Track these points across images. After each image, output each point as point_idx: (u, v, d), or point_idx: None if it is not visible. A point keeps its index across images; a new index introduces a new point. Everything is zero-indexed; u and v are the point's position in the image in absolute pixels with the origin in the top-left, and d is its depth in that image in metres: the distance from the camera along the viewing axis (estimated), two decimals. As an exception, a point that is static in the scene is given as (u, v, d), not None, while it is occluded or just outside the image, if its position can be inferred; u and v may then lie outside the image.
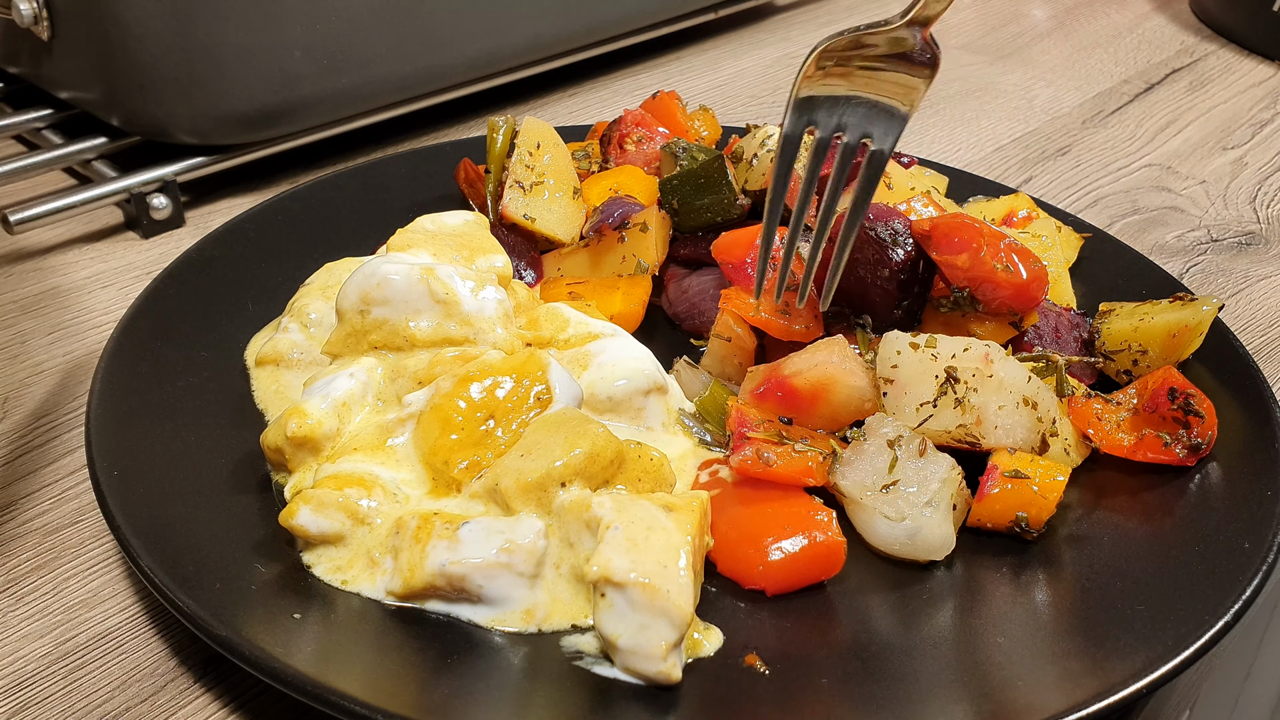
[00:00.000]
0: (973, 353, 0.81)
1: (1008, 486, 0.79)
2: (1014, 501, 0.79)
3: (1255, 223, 1.28)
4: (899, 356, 0.83)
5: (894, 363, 0.83)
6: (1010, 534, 0.80)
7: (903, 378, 0.82)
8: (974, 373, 0.80)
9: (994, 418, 0.80)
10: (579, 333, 0.89)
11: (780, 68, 1.60)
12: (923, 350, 0.82)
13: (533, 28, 1.35)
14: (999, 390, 0.80)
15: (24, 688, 0.72)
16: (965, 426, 0.80)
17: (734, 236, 0.93)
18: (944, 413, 0.81)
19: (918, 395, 0.82)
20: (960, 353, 0.81)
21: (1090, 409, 0.85)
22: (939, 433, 0.81)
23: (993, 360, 0.81)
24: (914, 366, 0.82)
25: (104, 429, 0.80)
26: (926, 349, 0.82)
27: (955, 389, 0.80)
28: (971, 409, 0.80)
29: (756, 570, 0.75)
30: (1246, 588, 0.74)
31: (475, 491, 0.76)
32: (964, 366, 0.81)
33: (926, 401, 0.81)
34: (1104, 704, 0.67)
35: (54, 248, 1.14)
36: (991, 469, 0.80)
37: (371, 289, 0.83)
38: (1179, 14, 1.84)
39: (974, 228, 0.88)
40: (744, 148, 1.04)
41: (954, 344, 0.82)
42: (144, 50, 1.07)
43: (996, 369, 0.80)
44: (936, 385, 0.81)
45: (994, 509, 0.79)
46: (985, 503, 0.79)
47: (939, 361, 0.81)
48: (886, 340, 0.84)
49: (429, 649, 0.70)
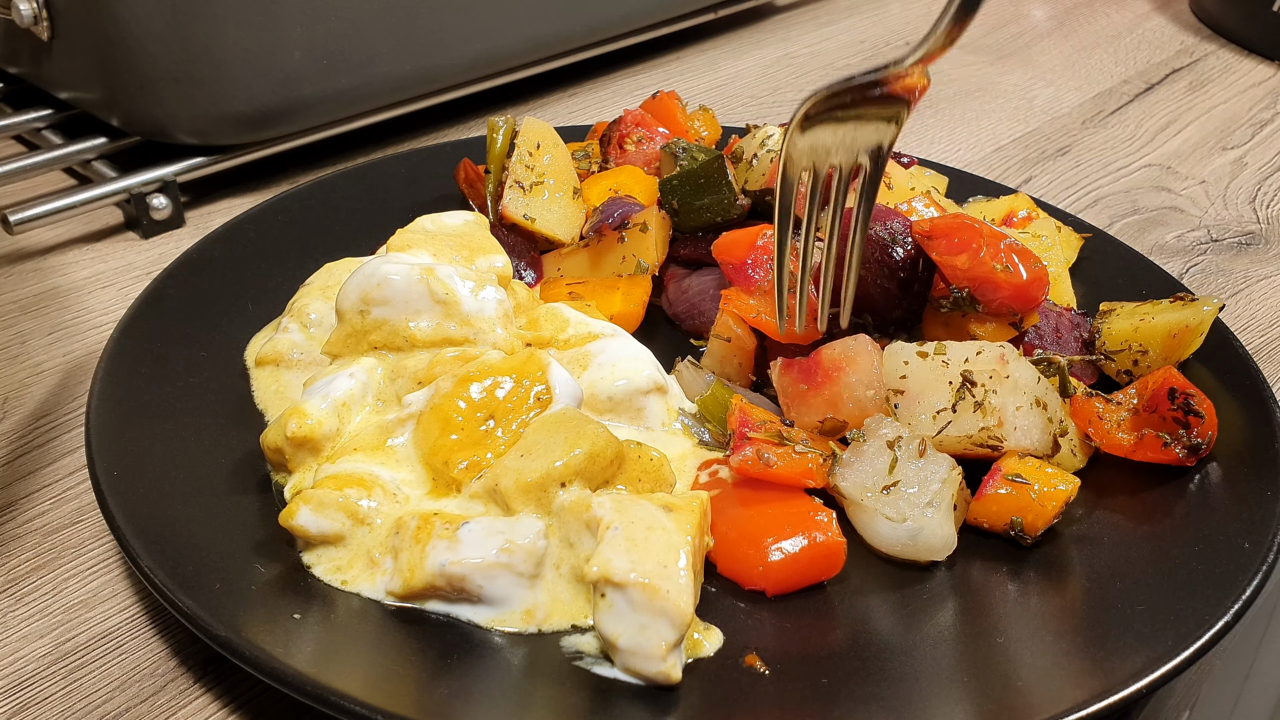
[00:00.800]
0: (987, 355, 0.81)
1: (1008, 490, 0.79)
2: (1011, 505, 0.79)
3: (1255, 223, 1.28)
4: (907, 367, 0.82)
5: (902, 373, 0.82)
6: (1005, 537, 0.80)
7: (914, 387, 0.82)
8: (990, 374, 0.80)
9: (1013, 419, 0.80)
10: (579, 333, 0.89)
11: (780, 68, 1.60)
12: (932, 358, 0.82)
13: (532, 28, 1.35)
14: (1015, 391, 0.80)
15: (24, 688, 0.72)
16: (988, 429, 0.80)
17: (734, 237, 0.93)
18: (964, 417, 0.80)
19: (932, 403, 0.81)
20: (974, 356, 0.81)
21: (1091, 408, 0.85)
22: (959, 439, 0.81)
23: (1008, 360, 0.81)
24: (925, 375, 0.82)
25: (104, 429, 0.80)
26: (936, 356, 0.82)
27: (974, 392, 0.80)
28: (993, 410, 0.80)
29: (757, 571, 0.75)
30: (1246, 588, 0.74)
31: (475, 492, 0.76)
32: (979, 369, 0.80)
33: (944, 408, 0.81)
34: (1104, 704, 0.66)
35: (54, 248, 1.14)
36: (995, 469, 0.80)
37: (371, 289, 0.83)
38: (1179, 14, 1.84)
39: (974, 228, 0.88)
40: (744, 148, 1.04)
41: (964, 349, 0.82)
42: (144, 50, 1.07)
43: (1012, 369, 0.80)
44: (952, 391, 0.81)
45: (990, 510, 0.79)
46: (983, 502, 0.79)
47: (951, 367, 0.81)
48: (891, 351, 0.84)
49: (429, 649, 0.70)
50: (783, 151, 0.83)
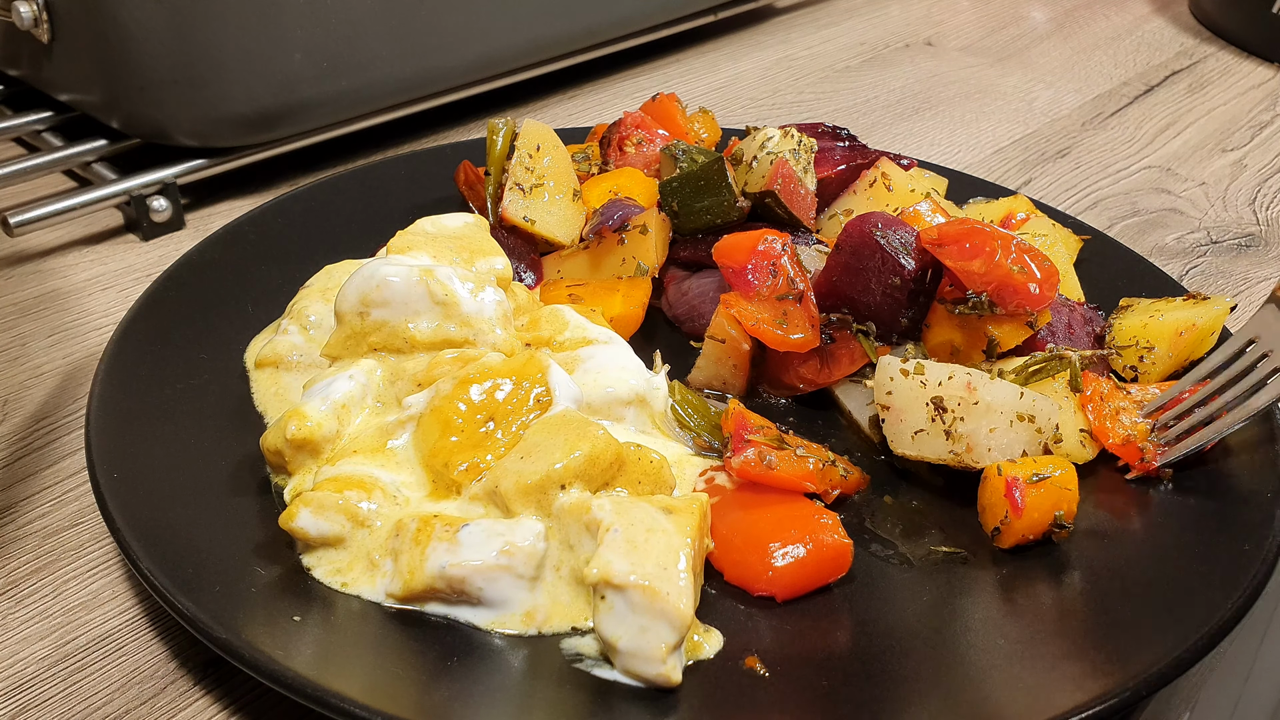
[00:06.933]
0: (956, 380, 0.81)
1: (1040, 491, 0.78)
2: (1049, 504, 0.79)
3: (1255, 224, 1.28)
4: (893, 383, 0.83)
5: (889, 389, 0.83)
6: (1046, 539, 0.80)
7: (898, 404, 0.83)
8: (959, 401, 0.81)
9: (985, 440, 0.81)
10: (574, 337, 0.89)
11: (780, 70, 1.60)
12: (912, 376, 0.82)
13: (532, 30, 1.35)
14: (987, 414, 0.81)
15: (23, 690, 0.72)
16: (958, 454, 0.81)
17: (734, 239, 0.93)
18: (937, 440, 0.81)
19: (912, 423, 0.82)
20: (946, 380, 0.81)
21: (1102, 406, 0.85)
22: (937, 458, 0.82)
23: (976, 389, 0.81)
24: (906, 393, 0.82)
25: (104, 431, 0.80)
26: (915, 375, 0.82)
27: (944, 419, 0.81)
28: (960, 437, 0.81)
29: (765, 576, 0.75)
30: (1246, 588, 0.74)
31: (475, 494, 0.76)
32: (949, 395, 0.81)
33: (921, 430, 0.82)
34: (1104, 705, 0.66)
35: (54, 250, 1.14)
36: (1012, 482, 0.78)
37: (371, 291, 0.83)
38: (1178, 16, 1.84)
39: (985, 232, 0.87)
40: (744, 150, 1.04)
41: (940, 371, 0.82)
42: (144, 53, 1.07)
43: (981, 395, 0.80)
44: (927, 413, 0.81)
45: (1033, 518, 0.78)
46: (1026, 515, 0.78)
47: (928, 388, 0.81)
48: (882, 365, 0.84)
49: (429, 651, 0.70)
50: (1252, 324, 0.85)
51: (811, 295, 0.90)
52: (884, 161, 1.05)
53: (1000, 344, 0.88)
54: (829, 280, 0.92)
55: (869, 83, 1.58)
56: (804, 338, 0.89)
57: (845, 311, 0.91)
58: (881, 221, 0.90)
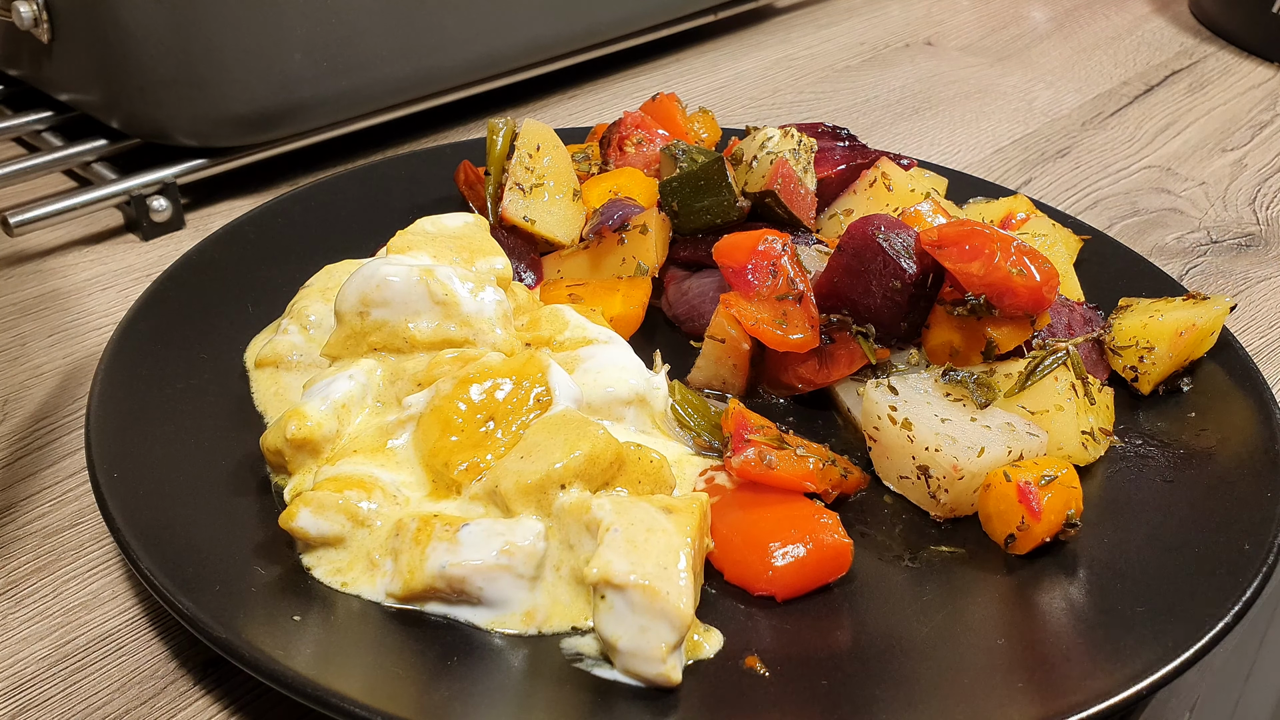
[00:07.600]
0: (943, 456, 0.80)
1: (1051, 493, 0.78)
2: (1061, 504, 0.78)
3: (1255, 224, 1.28)
4: (880, 421, 0.83)
5: (876, 425, 0.84)
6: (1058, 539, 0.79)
7: (884, 441, 0.83)
8: (945, 474, 0.81)
9: (969, 499, 0.82)
10: (574, 337, 0.89)
11: (780, 70, 1.60)
12: (899, 429, 0.82)
13: (532, 30, 1.35)
14: (973, 481, 0.81)
15: (23, 690, 0.72)
16: (942, 506, 0.82)
17: (734, 239, 0.93)
18: (919, 491, 0.83)
19: (897, 467, 0.83)
20: (934, 452, 0.81)
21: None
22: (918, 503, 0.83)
23: (960, 469, 0.80)
24: (892, 439, 0.83)
25: (104, 431, 0.80)
26: (903, 430, 0.82)
27: (929, 483, 0.81)
28: (943, 505, 0.81)
29: (766, 576, 0.75)
30: (1246, 589, 0.74)
31: (475, 493, 0.76)
32: (935, 466, 0.81)
33: (906, 477, 0.83)
34: (1105, 705, 0.66)
35: (54, 250, 1.14)
36: (1025, 487, 0.78)
37: (371, 290, 0.83)
38: (1178, 16, 1.84)
39: (984, 233, 0.87)
40: (744, 150, 1.04)
41: (927, 432, 0.81)
42: (144, 52, 1.07)
43: (965, 470, 0.80)
44: (912, 466, 0.82)
45: (1050, 520, 0.78)
46: (1044, 519, 0.78)
47: (915, 445, 0.81)
48: (869, 398, 0.84)
49: (429, 651, 0.70)
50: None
51: (811, 295, 0.90)
52: (884, 161, 1.05)
53: (999, 345, 0.88)
54: (830, 281, 0.92)
55: (869, 83, 1.58)
56: (804, 338, 0.89)
57: (845, 313, 0.91)
58: (884, 224, 0.90)
